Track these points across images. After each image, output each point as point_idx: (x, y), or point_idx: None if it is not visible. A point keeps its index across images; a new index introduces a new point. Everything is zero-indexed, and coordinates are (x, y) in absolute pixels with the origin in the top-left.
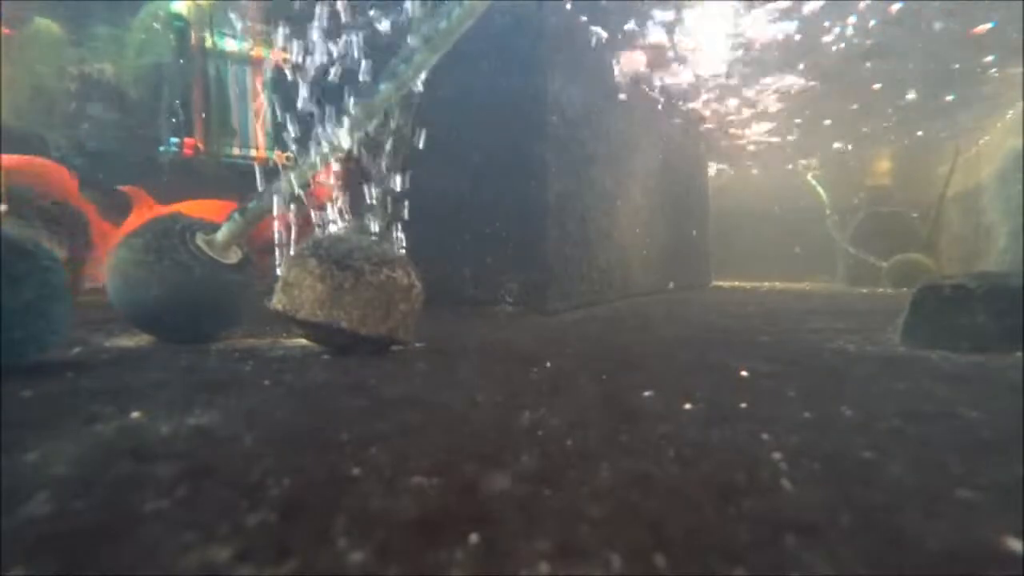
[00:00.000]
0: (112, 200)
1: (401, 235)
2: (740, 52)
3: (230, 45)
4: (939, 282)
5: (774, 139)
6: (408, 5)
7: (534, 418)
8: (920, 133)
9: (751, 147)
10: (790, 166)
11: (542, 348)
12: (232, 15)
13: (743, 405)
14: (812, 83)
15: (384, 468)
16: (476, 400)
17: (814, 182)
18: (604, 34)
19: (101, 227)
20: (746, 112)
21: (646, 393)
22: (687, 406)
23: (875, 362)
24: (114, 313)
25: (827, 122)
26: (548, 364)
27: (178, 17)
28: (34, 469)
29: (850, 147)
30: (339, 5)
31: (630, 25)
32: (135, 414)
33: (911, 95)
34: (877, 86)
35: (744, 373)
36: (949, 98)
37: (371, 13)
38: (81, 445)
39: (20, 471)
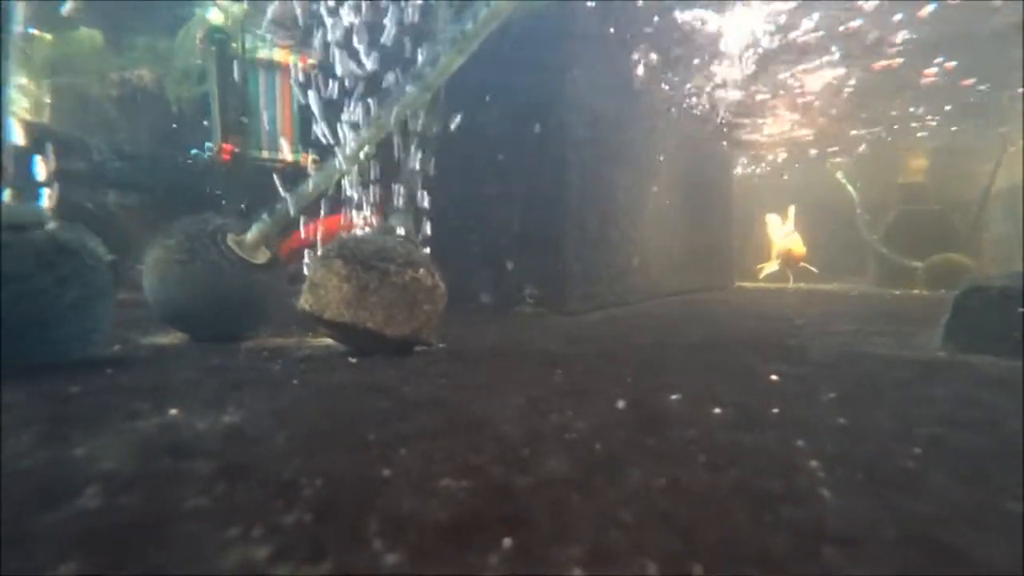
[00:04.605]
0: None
1: (425, 235)
2: (773, 42)
3: (261, 51)
4: (984, 283)
5: (802, 133)
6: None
7: (560, 421)
8: (954, 128)
9: (777, 144)
10: (820, 162)
11: (564, 350)
12: (263, 22)
13: (774, 410)
14: (842, 71)
15: (412, 470)
16: (501, 403)
17: (844, 179)
18: (626, 32)
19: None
20: (775, 105)
21: (672, 397)
22: (716, 410)
23: (913, 366)
24: (151, 311)
25: (864, 115)
26: (571, 366)
27: (218, 29)
28: (83, 464)
29: (890, 136)
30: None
31: (654, 21)
32: (173, 411)
33: (982, 86)
34: (932, 70)
35: (774, 377)
36: (1019, 90)
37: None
38: (124, 441)
39: (70, 466)
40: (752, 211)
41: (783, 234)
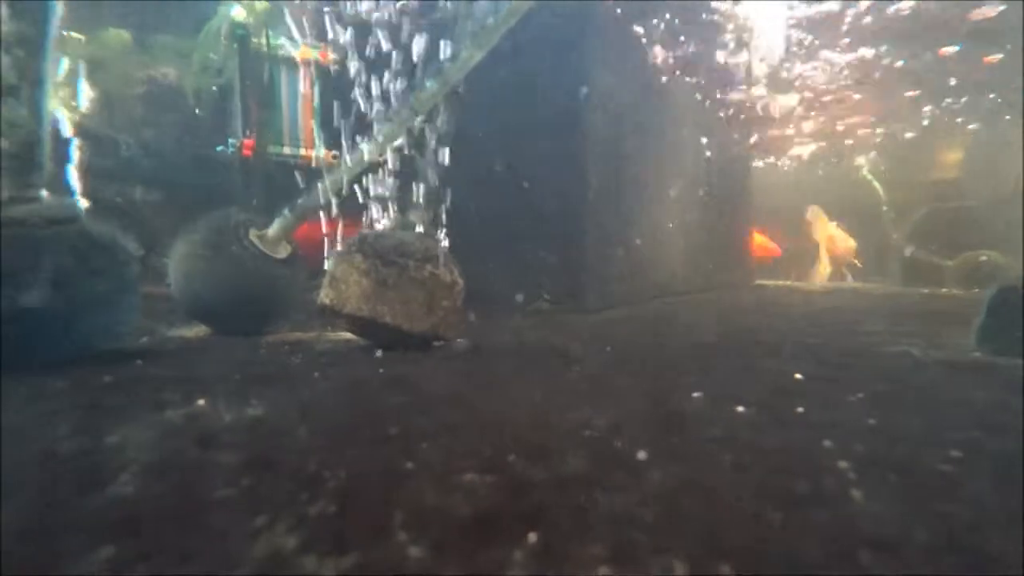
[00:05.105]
0: None
1: (443, 230)
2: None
3: (283, 47)
4: (1021, 283)
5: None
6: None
7: (579, 418)
8: (976, 125)
9: (800, 139)
10: (834, 160)
11: (583, 347)
12: (285, 17)
13: (799, 410)
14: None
15: (433, 464)
16: (519, 399)
17: (870, 176)
18: (648, 24)
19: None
20: (798, 98)
21: (695, 394)
22: (739, 409)
23: (944, 368)
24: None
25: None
26: (590, 363)
27: (240, 25)
28: (115, 452)
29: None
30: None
31: (675, 16)
32: (200, 402)
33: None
34: (994, 58)
35: (798, 376)
36: None
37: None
38: (154, 431)
39: (103, 453)
40: (784, 207)
41: (828, 231)
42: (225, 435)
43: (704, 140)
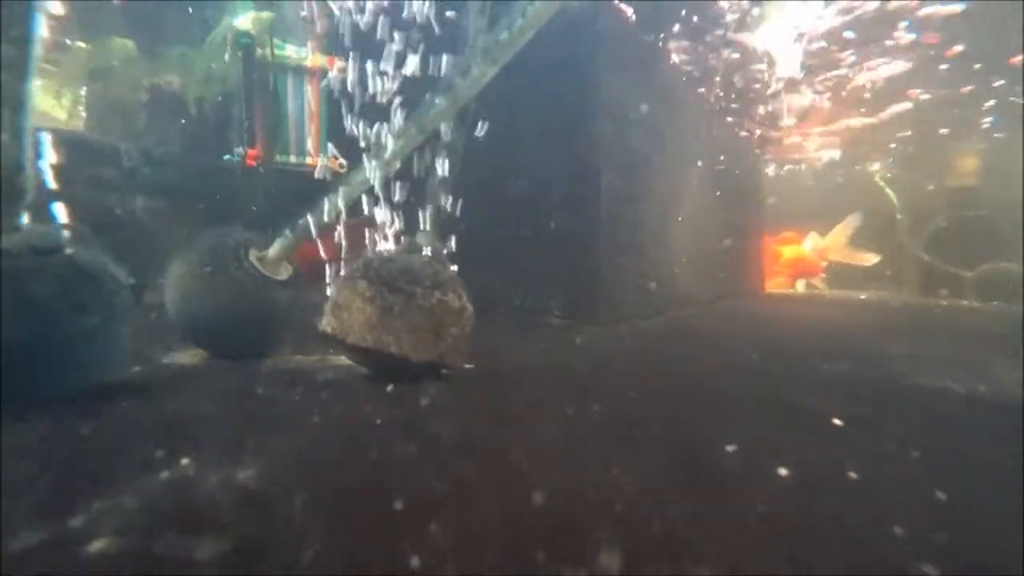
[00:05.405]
0: None
1: (451, 250)
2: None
3: (289, 54)
4: None
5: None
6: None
7: (605, 480)
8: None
9: (816, 145)
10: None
11: (598, 373)
12: (292, 24)
13: (852, 475)
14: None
15: (445, 552)
16: (536, 448)
17: (883, 183)
18: (661, 32)
19: None
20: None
21: (728, 448)
22: (781, 471)
23: (999, 413)
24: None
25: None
26: (608, 396)
27: (244, 34)
28: (78, 539)
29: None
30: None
31: (690, 23)
32: (184, 460)
33: None
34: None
35: (837, 422)
36: None
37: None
38: (129, 506)
39: (65, 540)
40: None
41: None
42: (207, 512)
43: (717, 146)
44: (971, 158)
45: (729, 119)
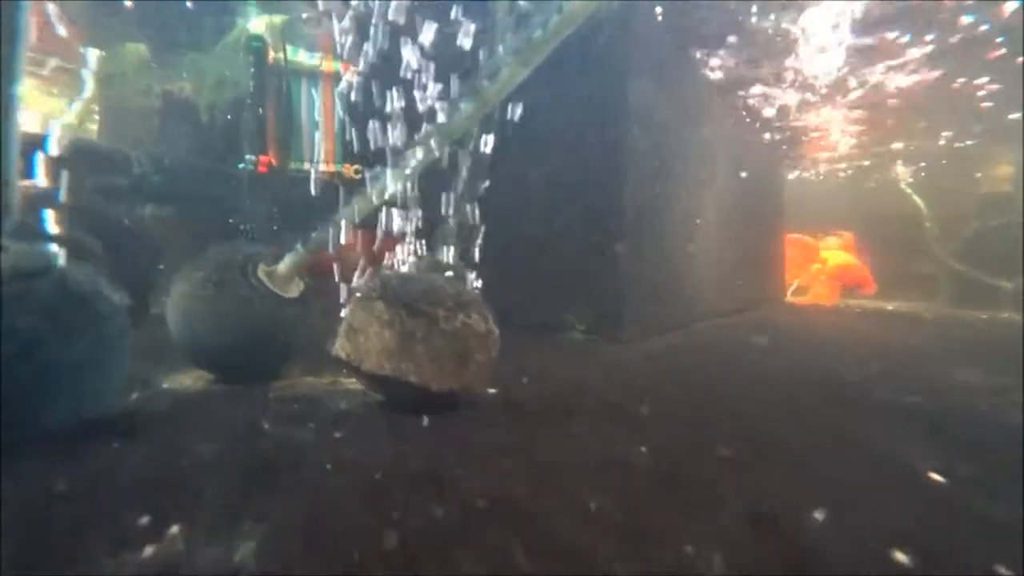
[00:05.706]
0: None
1: (475, 264)
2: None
3: (302, 59)
4: None
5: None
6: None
7: (659, 551)
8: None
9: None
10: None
11: (632, 400)
12: (305, 29)
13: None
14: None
15: None
16: (589, 510)
17: (909, 190)
18: (690, 36)
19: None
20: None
21: (815, 515)
22: (899, 556)
23: None
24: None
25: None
26: (648, 431)
27: (256, 38)
28: None
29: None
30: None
31: (719, 26)
32: (173, 530)
33: None
34: None
35: (936, 477)
36: None
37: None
38: None
39: None
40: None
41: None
42: None
43: (741, 154)
44: (1006, 164)
45: (756, 125)
